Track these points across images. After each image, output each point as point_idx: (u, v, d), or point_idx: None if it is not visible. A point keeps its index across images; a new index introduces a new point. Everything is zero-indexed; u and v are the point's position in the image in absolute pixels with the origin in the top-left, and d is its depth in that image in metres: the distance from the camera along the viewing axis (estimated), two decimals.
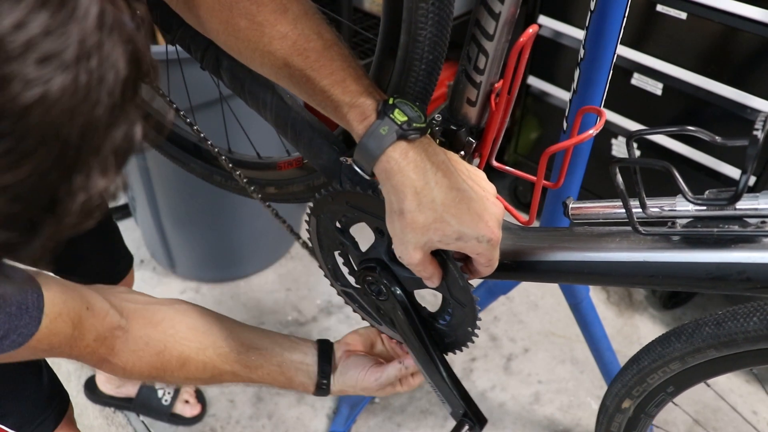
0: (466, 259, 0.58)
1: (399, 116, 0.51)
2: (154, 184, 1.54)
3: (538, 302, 1.72)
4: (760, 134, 0.43)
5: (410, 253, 0.55)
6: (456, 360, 1.55)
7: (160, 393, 1.42)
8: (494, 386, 1.50)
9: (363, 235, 0.70)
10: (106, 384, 1.41)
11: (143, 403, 1.42)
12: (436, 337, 0.69)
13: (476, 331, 0.66)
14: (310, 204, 0.67)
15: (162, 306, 0.66)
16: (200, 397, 1.46)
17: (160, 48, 1.20)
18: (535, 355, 1.58)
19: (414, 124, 0.51)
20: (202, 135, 0.86)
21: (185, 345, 0.65)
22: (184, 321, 0.66)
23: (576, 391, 1.50)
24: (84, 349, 0.58)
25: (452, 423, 1.46)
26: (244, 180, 0.86)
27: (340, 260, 0.73)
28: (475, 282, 0.62)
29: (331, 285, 0.75)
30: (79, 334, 0.56)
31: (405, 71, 0.59)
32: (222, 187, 0.98)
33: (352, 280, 0.72)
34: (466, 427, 0.67)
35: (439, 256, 0.59)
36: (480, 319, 0.65)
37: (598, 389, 1.49)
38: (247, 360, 0.69)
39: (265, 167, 0.91)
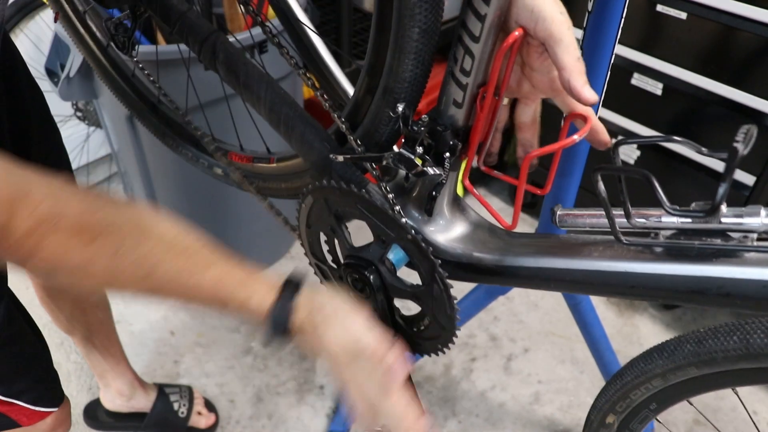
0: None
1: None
2: (154, 183, 1.54)
3: (538, 302, 1.72)
4: (740, 146, 0.43)
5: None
6: (456, 360, 1.55)
7: (176, 406, 1.37)
8: (494, 386, 1.50)
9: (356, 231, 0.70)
10: (115, 400, 1.35)
11: (158, 420, 1.35)
12: (402, 337, 0.70)
13: (445, 350, 0.67)
14: (315, 183, 0.67)
15: (102, 197, 0.54)
16: (210, 406, 1.44)
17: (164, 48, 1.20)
18: (535, 355, 1.58)
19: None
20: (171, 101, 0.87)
21: (119, 236, 0.52)
22: (126, 213, 0.54)
23: (576, 391, 1.50)
24: (8, 248, 0.47)
25: (453, 422, 1.46)
26: (213, 146, 0.86)
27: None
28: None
29: (305, 254, 0.76)
30: (10, 227, 0.47)
31: (385, 102, 0.60)
32: (174, 150, 0.97)
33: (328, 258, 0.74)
34: None
35: (432, 276, 0.60)
36: (453, 343, 0.65)
37: (598, 389, 1.48)
38: (195, 260, 0.57)
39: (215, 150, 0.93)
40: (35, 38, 1.60)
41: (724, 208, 0.49)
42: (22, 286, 1.01)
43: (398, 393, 0.59)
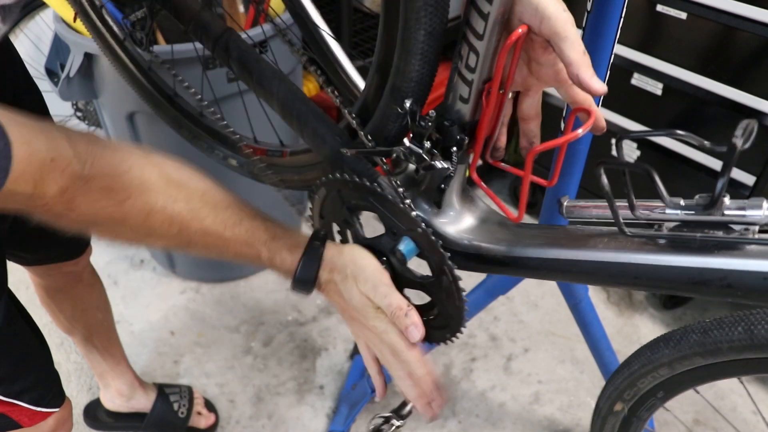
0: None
1: None
2: None
3: (538, 302, 1.72)
4: (739, 141, 0.43)
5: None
6: (456, 360, 1.55)
7: (176, 406, 1.37)
8: (494, 386, 1.50)
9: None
10: (114, 400, 1.35)
11: (158, 420, 1.35)
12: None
13: (454, 339, 0.68)
14: (328, 175, 0.68)
15: (133, 153, 0.57)
16: (210, 406, 1.43)
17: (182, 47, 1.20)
18: (535, 355, 1.58)
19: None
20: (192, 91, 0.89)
21: (153, 195, 0.56)
22: (156, 170, 0.57)
23: (576, 391, 1.50)
24: (41, 207, 0.50)
25: (453, 422, 1.46)
26: (236, 135, 0.87)
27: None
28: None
29: None
30: (39, 193, 0.48)
31: (393, 99, 0.61)
32: (190, 142, 0.98)
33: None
34: (408, 407, 0.77)
35: (441, 267, 0.61)
36: (462, 332, 0.66)
37: (598, 389, 1.49)
38: (224, 217, 0.60)
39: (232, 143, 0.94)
40: (35, 38, 1.61)
41: (726, 200, 0.50)
42: (22, 286, 1.01)
43: (416, 346, 0.62)
